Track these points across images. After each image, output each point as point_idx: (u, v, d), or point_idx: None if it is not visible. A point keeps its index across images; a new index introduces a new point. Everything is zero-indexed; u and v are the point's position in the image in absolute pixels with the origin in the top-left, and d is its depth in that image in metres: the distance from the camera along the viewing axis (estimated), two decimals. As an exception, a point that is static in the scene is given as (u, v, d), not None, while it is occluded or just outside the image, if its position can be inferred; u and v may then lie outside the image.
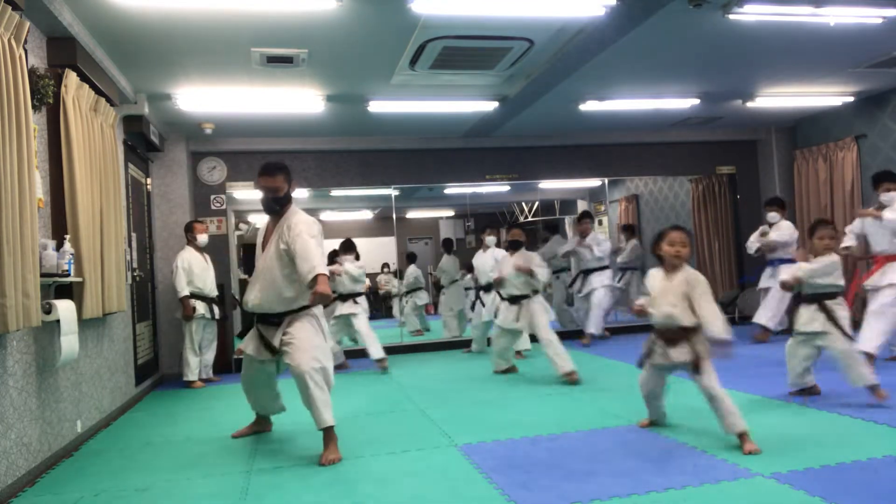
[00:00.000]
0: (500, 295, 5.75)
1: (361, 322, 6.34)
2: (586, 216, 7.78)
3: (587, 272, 7.64)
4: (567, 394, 4.75)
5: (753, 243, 6.68)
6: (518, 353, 6.47)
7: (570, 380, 5.09)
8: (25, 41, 3.21)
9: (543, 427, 3.82)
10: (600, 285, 7.48)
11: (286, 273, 3.45)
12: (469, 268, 8.06)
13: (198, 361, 6.12)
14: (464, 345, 7.70)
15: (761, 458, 3.02)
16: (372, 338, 6.29)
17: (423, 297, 9.13)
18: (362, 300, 6.57)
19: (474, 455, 3.34)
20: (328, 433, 3.43)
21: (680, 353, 3.32)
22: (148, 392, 5.94)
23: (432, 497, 2.79)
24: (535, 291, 5.54)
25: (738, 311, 8.39)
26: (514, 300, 5.53)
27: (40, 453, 3.45)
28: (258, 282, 3.57)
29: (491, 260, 6.86)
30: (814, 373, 4.19)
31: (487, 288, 6.86)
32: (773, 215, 6.63)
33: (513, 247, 5.69)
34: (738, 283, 8.68)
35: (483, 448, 3.46)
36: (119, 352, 5.07)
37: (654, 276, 3.50)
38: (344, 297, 6.35)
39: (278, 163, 3.58)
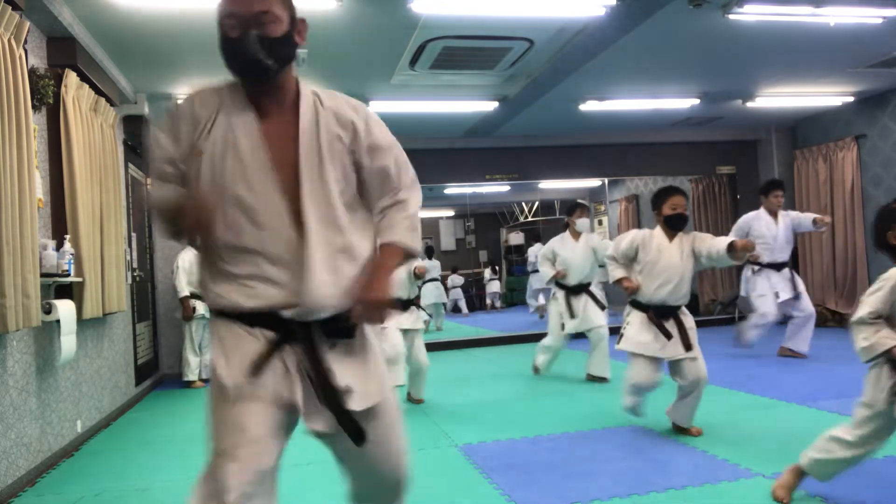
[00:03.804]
0: (640, 304, 3.50)
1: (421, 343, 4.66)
2: (778, 185, 5.73)
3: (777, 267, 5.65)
4: (567, 394, 4.75)
5: None
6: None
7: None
8: (25, 41, 3.21)
9: (543, 427, 3.81)
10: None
11: (354, 222, 1.57)
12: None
13: (198, 361, 6.11)
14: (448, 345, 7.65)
15: (762, 458, 3.02)
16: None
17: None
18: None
19: (474, 455, 3.34)
20: None
21: None
22: (148, 392, 5.93)
23: (432, 497, 2.78)
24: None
25: (738, 311, 8.39)
26: (666, 313, 3.43)
27: (40, 453, 3.45)
28: (289, 247, 1.49)
29: (585, 250, 5.13)
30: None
31: (577, 290, 5.15)
32: None
33: (676, 226, 3.49)
34: None
35: (483, 448, 3.46)
36: (119, 352, 5.07)
37: None
38: (405, 304, 4.57)
39: None
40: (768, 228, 5.55)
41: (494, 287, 11.31)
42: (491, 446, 3.49)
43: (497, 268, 11.47)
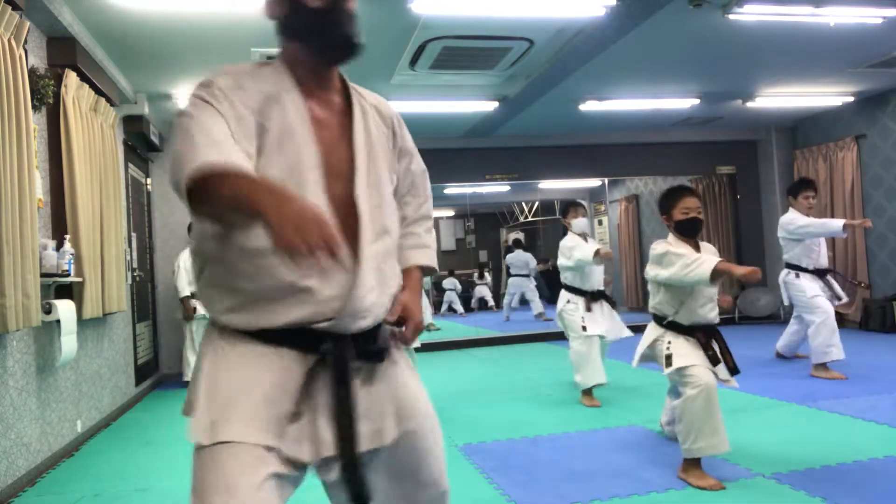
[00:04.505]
0: (679, 326, 2.95)
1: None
2: (808, 186, 4.90)
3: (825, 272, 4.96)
4: (567, 394, 4.75)
5: None
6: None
7: None
8: (25, 41, 3.21)
9: (543, 427, 3.81)
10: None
11: (397, 223, 1.44)
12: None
13: (198, 361, 6.11)
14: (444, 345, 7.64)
15: (762, 458, 3.02)
16: None
17: None
18: None
19: (474, 455, 3.34)
20: None
21: None
22: (148, 392, 5.93)
23: (432, 497, 2.78)
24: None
25: (737, 311, 8.39)
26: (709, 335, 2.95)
27: (40, 453, 3.45)
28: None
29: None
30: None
31: (596, 296, 4.51)
32: None
33: (689, 232, 2.97)
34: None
35: (483, 448, 3.46)
36: (119, 352, 5.07)
37: None
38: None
39: None
40: None
41: (482, 292, 11.27)
42: (491, 446, 3.49)
43: (485, 273, 11.42)
